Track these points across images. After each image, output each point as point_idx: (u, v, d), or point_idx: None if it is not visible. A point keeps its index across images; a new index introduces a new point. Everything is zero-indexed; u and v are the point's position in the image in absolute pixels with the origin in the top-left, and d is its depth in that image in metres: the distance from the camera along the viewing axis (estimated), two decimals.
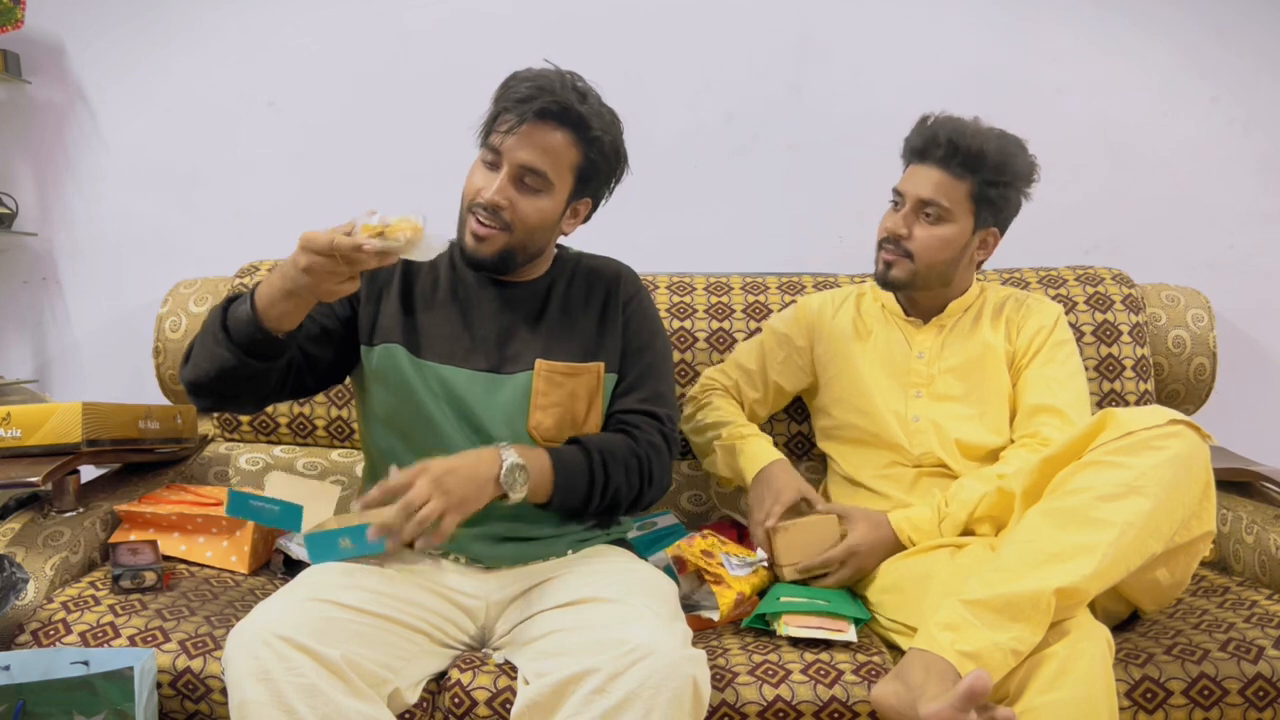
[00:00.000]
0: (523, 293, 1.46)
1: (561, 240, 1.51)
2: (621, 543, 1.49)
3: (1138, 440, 1.23)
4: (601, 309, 1.48)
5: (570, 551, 1.40)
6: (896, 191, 1.60)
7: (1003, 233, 1.62)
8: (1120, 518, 1.20)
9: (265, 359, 1.29)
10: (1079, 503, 1.22)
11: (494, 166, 1.37)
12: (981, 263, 1.65)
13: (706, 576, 1.48)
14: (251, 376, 1.30)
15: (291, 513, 1.43)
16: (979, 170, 1.53)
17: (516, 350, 1.42)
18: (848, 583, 1.51)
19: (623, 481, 1.39)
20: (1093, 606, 1.31)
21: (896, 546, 1.50)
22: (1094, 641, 1.19)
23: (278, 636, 1.12)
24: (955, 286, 1.65)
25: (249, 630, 1.14)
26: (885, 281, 1.61)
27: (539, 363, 1.40)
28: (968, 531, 1.47)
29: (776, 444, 1.90)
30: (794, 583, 1.50)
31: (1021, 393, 1.59)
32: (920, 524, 1.49)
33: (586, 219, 1.48)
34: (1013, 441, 1.57)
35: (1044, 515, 1.25)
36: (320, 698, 1.10)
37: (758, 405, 1.76)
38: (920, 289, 1.62)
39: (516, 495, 1.28)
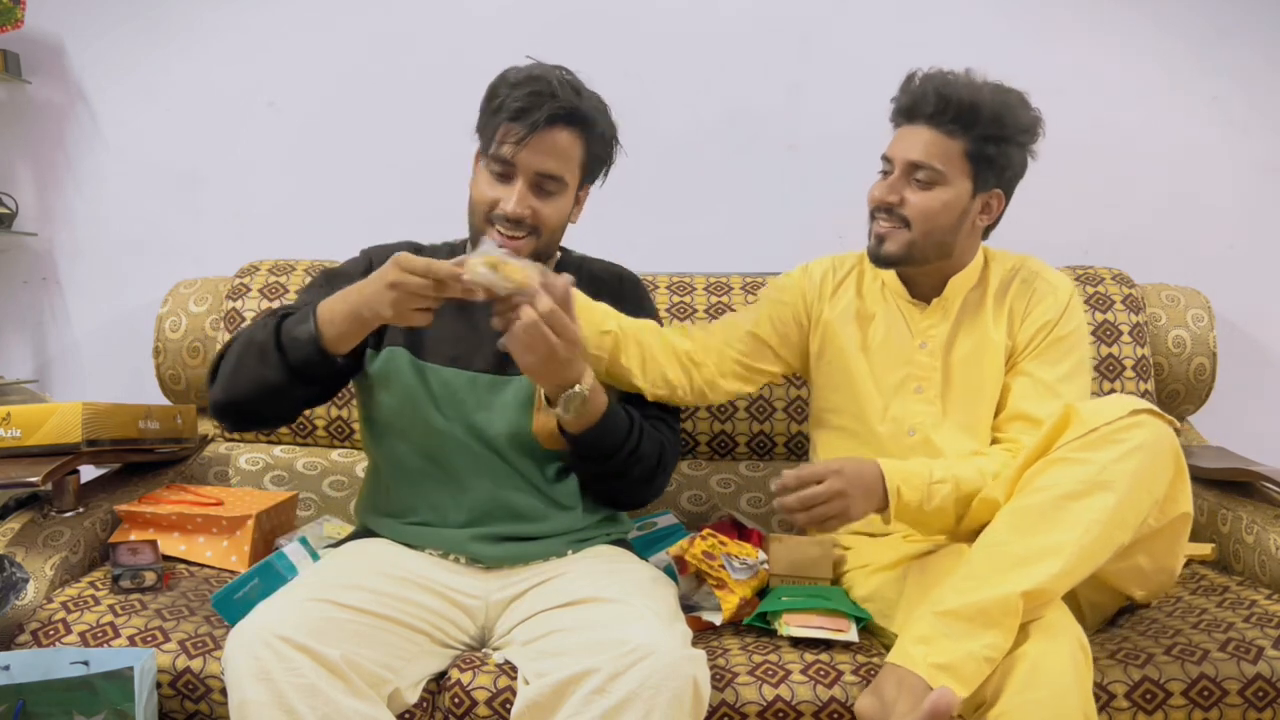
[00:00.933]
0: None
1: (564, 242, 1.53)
2: (621, 543, 1.50)
3: (1100, 435, 1.23)
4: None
5: (570, 551, 1.40)
6: (885, 158, 1.48)
7: (1008, 195, 1.50)
8: (1086, 515, 1.20)
9: (313, 381, 1.32)
10: (1044, 501, 1.23)
11: (506, 177, 1.38)
12: (989, 229, 1.54)
13: (709, 580, 1.48)
14: (294, 397, 1.34)
15: (267, 569, 1.43)
16: (973, 126, 1.41)
17: None
18: (830, 518, 1.34)
19: (649, 454, 1.40)
20: (1077, 600, 1.31)
21: (879, 491, 1.35)
22: (1065, 639, 1.19)
23: (277, 636, 1.11)
24: (959, 260, 1.52)
25: (249, 630, 1.14)
26: (878, 258, 1.49)
27: None
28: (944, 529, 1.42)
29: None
30: (794, 584, 1.50)
31: (1010, 389, 1.49)
32: (910, 478, 1.36)
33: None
34: (995, 441, 1.50)
35: (1011, 516, 1.25)
36: (320, 698, 1.10)
37: (720, 375, 1.55)
38: (918, 262, 1.49)
39: (565, 414, 1.30)
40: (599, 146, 1.42)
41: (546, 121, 1.34)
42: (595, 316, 1.43)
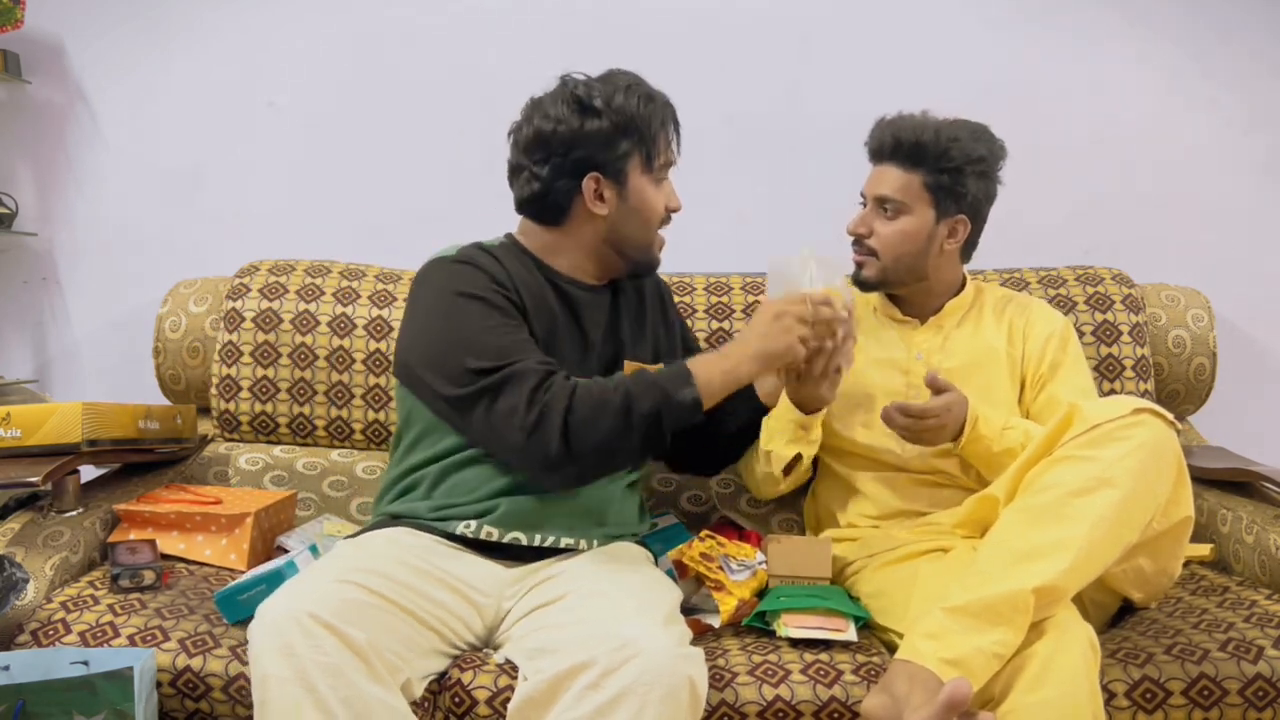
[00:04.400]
0: (602, 297, 1.52)
1: None
2: (640, 542, 1.51)
3: (1103, 432, 1.24)
4: (654, 313, 1.60)
5: (595, 542, 1.41)
6: (861, 194, 1.63)
7: (975, 220, 1.60)
8: (1092, 511, 1.21)
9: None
10: (1050, 499, 1.23)
11: (664, 182, 1.50)
12: (966, 252, 1.64)
13: (707, 583, 1.48)
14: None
15: (277, 578, 1.40)
16: (923, 161, 1.55)
17: (613, 350, 1.49)
18: (918, 439, 1.48)
19: None
20: (1081, 600, 1.32)
21: (961, 423, 1.46)
22: (1075, 640, 1.19)
23: (306, 614, 1.11)
24: (939, 281, 1.64)
25: (277, 607, 1.14)
26: (860, 283, 1.63)
27: (626, 363, 1.47)
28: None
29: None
30: (794, 584, 1.50)
31: (1054, 406, 1.55)
32: (990, 419, 1.48)
33: None
34: None
35: (1017, 514, 1.26)
36: (342, 679, 1.10)
37: None
38: (895, 285, 1.63)
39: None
40: None
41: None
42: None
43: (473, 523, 1.37)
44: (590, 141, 1.40)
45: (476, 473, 1.40)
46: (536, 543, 1.38)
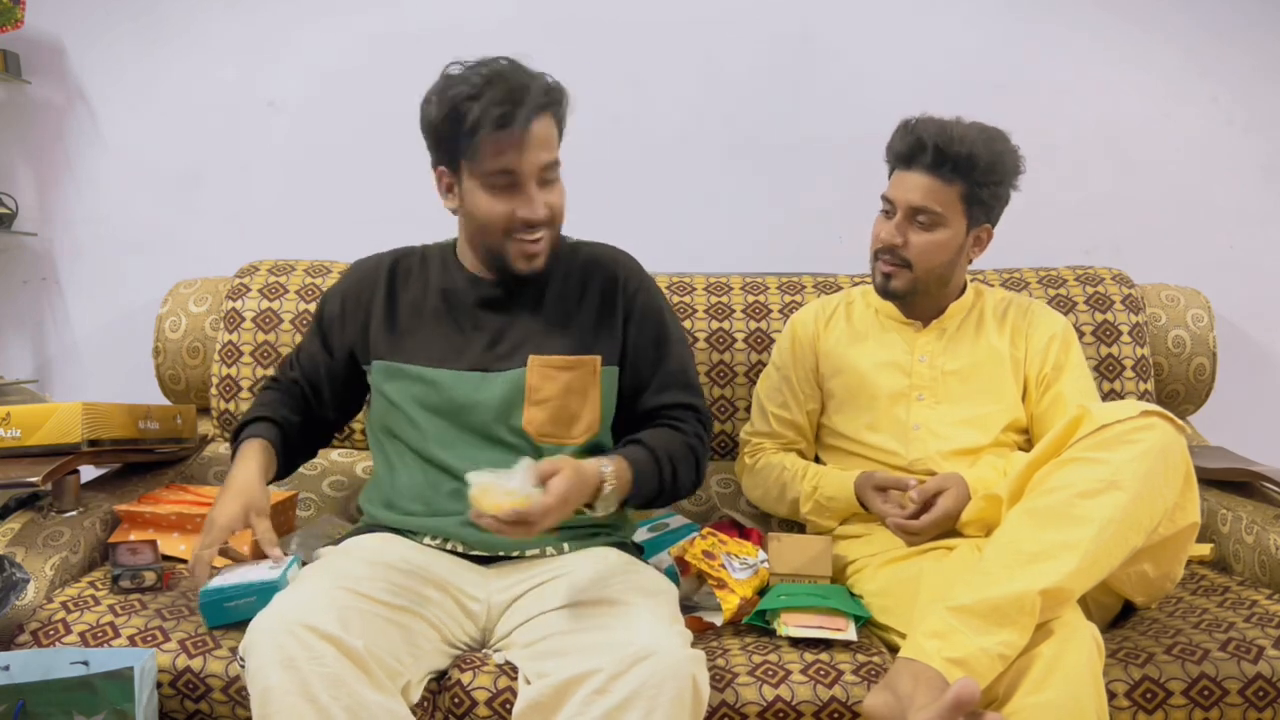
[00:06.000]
0: (519, 289, 1.46)
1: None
2: (622, 546, 1.50)
3: (1112, 434, 1.24)
4: (601, 300, 1.46)
5: (566, 546, 1.40)
6: (886, 199, 1.59)
7: (994, 226, 1.61)
8: (1100, 514, 1.20)
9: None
10: (1058, 501, 1.23)
11: (512, 187, 1.34)
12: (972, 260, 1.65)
13: (709, 580, 1.48)
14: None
15: (269, 591, 1.38)
16: (970, 173, 1.51)
17: (509, 347, 1.43)
18: (933, 532, 1.48)
19: (686, 479, 1.44)
20: (1085, 601, 1.31)
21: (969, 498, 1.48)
22: (1081, 641, 1.18)
23: (303, 625, 1.11)
24: (953, 286, 1.65)
25: (273, 618, 1.14)
26: (886, 292, 1.61)
27: (532, 358, 1.41)
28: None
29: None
30: (794, 582, 1.50)
31: (1060, 406, 1.56)
32: (985, 477, 1.49)
33: None
34: None
35: (1024, 515, 1.26)
36: (344, 688, 1.10)
37: (807, 448, 1.74)
38: (921, 294, 1.61)
39: (601, 512, 1.32)
40: (563, 112, 1.38)
41: (537, 113, 1.32)
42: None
43: (438, 534, 1.39)
44: (426, 134, 1.39)
45: (409, 478, 1.42)
46: (499, 555, 1.39)
